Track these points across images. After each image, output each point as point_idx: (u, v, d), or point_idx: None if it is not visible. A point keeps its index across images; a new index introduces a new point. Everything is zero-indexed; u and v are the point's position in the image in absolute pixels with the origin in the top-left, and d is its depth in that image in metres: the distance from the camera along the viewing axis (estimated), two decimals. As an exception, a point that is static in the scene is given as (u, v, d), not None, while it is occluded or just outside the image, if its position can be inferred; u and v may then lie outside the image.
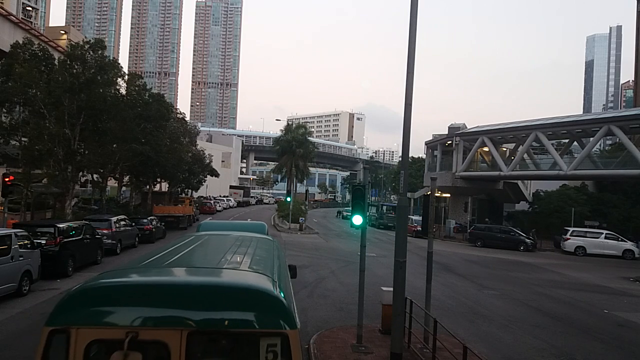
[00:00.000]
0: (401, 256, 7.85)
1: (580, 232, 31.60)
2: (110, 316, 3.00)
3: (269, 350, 2.99)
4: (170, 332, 2.94)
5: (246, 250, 5.13)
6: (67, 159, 22.07)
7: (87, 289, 3.20)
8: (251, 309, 3.03)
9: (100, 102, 21.68)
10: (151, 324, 2.97)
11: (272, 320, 3.04)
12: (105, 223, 19.75)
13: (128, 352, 2.82)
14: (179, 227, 32.16)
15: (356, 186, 8.77)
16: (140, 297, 3.08)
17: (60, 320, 3.05)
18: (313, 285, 14.93)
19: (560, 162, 34.15)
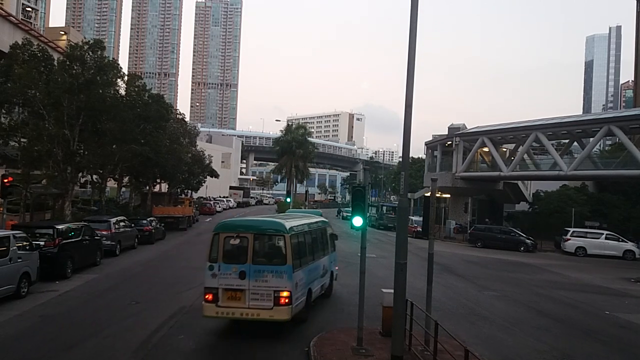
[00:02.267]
0: (402, 258, 7.79)
1: (581, 233, 31.52)
2: (229, 229, 9.98)
3: (278, 240, 9.95)
4: (248, 233, 9.67)
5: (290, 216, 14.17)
6: (66, 160, 22.00)
7: (222, 223, 10.41)
8: (274, 227, 10.15)
9: (100, 103, 21.61)
10: (242, 230, 9.79)
11: (280, 230, 9.90)
12: (104, 224, 19.68)
13: (236, 239, 9.73)
14: (179, 228, 32.09)
15: (356, 187, 8.71)
16: (238, 223, 10.66)
17: (216, 230, 9.97)
18: (313, 286, 14.84)
19: (561, 163, 34.08)
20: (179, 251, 22.72)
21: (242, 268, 9.28)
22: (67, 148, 22.12)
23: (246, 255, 9.41)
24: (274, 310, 9.17)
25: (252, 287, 9.24)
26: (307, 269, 10.67)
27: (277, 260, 9.53)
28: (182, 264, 18.52)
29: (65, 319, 10.69)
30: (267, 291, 9.21)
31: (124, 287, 14.23)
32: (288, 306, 9.23)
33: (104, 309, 11.66)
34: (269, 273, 9.29)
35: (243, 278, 9.24)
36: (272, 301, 9.18)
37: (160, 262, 19.06)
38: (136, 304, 12.13)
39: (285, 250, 9.52)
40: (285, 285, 9.27)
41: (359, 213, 8.60)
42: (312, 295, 11.05)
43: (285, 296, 9.22)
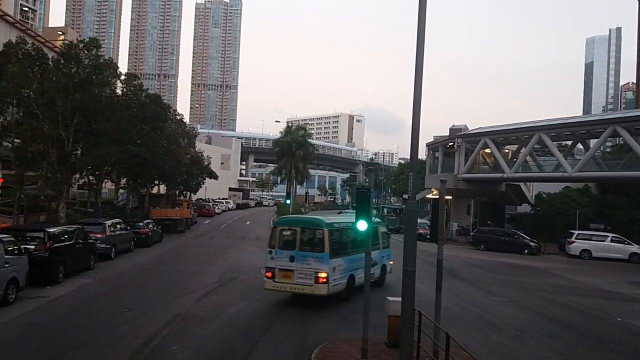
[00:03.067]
0: (410, 265, 7.27)
1: (586, 235, 31.01)
2: (284, 223, 13.54)
3: (317, 233, 12.42)
4: (297, 227, 12.69)
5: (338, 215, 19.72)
6: (61, 161, 21.47)
7: (279, 220, 16.10)
8: (315, 222, 12.82)
9: (95, 103, 21.09)
10: (292, 225, 13.07)
11: (320, 225, 12.44)
12: (99, 227, 19.15)
13: (288, 231, 12.91)
14: (177, 230, 31.54)
15: (360, 189, 8.19)
16: (290, 219, 15.03)
17: (274, 224, 14.01)
18: (314, 292, 14.32)
19: (565, 164, 33.57)
20: (176, 254, 22.19)
21: (292, 253, 12.26)
22: (62, 149, 21.61)
23: (295, 243, 12.43)
24: (314, 287, 11.89)
25: (299, 268, 12.07)
26: (348, 258, 12.98)
27: (317, 249, 12.26)
28: (178, 268, 17.98)
29: (54, 328, 10.16)
30: (309, 272, 11.96)
31: (118, 293, 13.70)
32: (325, 284, 11.90)
33: (96, 317, 11.13)
34: (311, 258, 12.09)
35: (292, 261, 12.18)
36: (312, 280, 11.90)
37: (156, 266, 18.52)
38: (129, 310, 11.60)
39: (324, 241, 12.15)
40: (323, 268, 11.91)
41: (364, 216, 8.09)
42: (354, 280, 13.25)
43: (323, 277, 11.87)
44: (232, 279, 15.89)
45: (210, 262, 19.75)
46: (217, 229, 37.24)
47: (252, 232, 35.50)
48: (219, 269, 17.96)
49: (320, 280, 11.80)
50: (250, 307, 12.22)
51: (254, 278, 16.32)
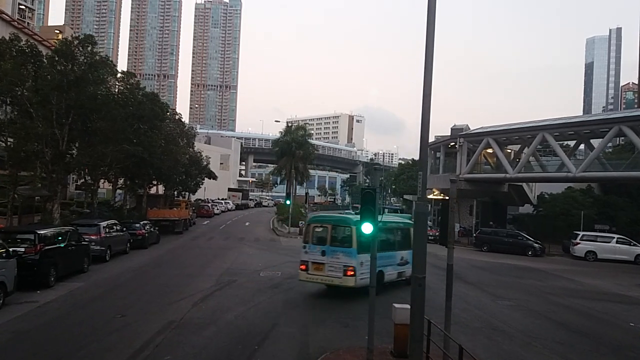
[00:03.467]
0: (420, 271, 6.76)
1: (591, 237, 30.48)
2: (316, 221, 14.64)
3: (346, 230, 13.56)
4: (328, 224, 13.91)
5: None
6: (55, 161, 20.95)
7: (312, 218, 16.73)
8: (345, 220, 14.15)
9: (90, 101, 20.56)
10: (324, 222, 14.23)
11: (349, 223, 13.50)
12: (93, 228, 18.62)
13: (320, 228, 13.94)
14: (174, 231, 31.00)
15: (366, 189, 7.66)
16: (322, 217, 15.65)
17: (308, 222, 15.99)
18: (314, 297, 13.84)
19: (569, 164, 33.06)
20: (173, 256, 21.66)
21: (323, 248, 13.45)
22: (56, 148, 21.10)
23: (326, 239, 13.57)
24: (342, 279, 13.04)
25: (329, 262, 13.24)
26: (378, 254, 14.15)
27: (346, 244, 13.31)
28: (175, 271, 17.46)
29: (41, 335, 9.63)
30: (339, 265, 13.10)
31: (111, 297, 13.17)
32: (353, 277, 12.91)
33: (86, 323, 10.60)
34: (340, 253, 13.18)
35: (323, 255, 13.37)
36: (341, 272, 13.02)
37: (152, 269, 17.99)
38: (122, 316, 11.07)
39: (352, 238, 13.12)
40: (351, 262, 12.94)
41: (369, 219, 7.56)
42: (384, 276, 14.18)
43: (351, 270, 12.90)
44: (230, 283, 15.36)
45: (207, 264, 19.22)
46: (216, 230, 36.72)
47: (251, 233, 34.98)
48: (217, 271, 17.44)
49: (348, 273, 12.93)
50: (248, 312, 11.68)
51: (253, 281, 15.82)
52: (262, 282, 15.71)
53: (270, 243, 28.93)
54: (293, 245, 27.78)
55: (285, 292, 14.17)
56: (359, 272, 12.86)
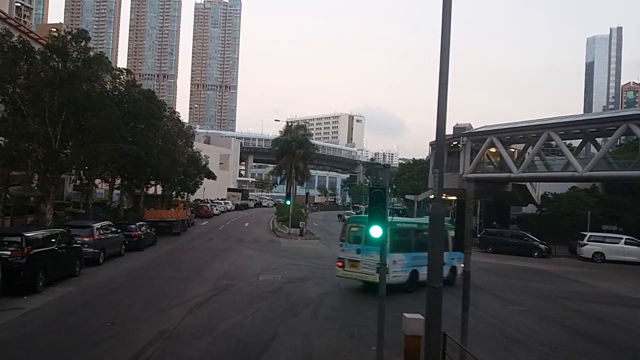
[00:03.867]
0: (436, 280, 6.06)
1: (599, 238, 29.77)
2: (352, 221, 16.15)
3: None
4: (363, 224, 13.81)
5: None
6: (48, 160, 20.24)
7: (348, 218, 20.21)
8: None
9: (84, 98, 19.83)
10: (359, 222, 15.08)
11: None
12: (86, 230, 17.89)
13: (356, 227, 15.05)
14: (172, 232, 30.27)
15: (375, 189, 6.95)
16: (358, 218, 17.84)
17: (345, 222, 17.87)
18: (317, 302, 13.10)
19: (575, 163, 32.33)
20: (169, 259, 20.94)
21: (358, 247, 14.23)
22: (49, 147, 20.39)
23: (361, 238, 14.12)
24: (375, 276, 13.09)
25: (363, 260, 14.02)
26: (410, 254, 14.60)
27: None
28: (171, 274, 16.73)
29: (23, 347, 8.92)
30: (372, 263, 13.63)
31: (101, 303, 12.45)
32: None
33: (73, 333, 9.89)
34: (374, 251, 13.16)
35: (358, 253, 14.17)
36: (374, 270, 13.40)
37: (147, 272, 17.26)
38: (111, 325, 10.36)
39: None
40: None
41: (378, 221, 6.86)
42: (418, 275, 14.64)
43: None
44: (228, 287, 14.65)
45: (205, 267, 18.51)
46: (215, 230, 36.02)
47: (250, 234, 34.28)
48: (215, 275, 16.73)
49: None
50: (246, 320, 10.97)
51: (252, 285, 15.10)
52: (261, 286, 15.01)
53: (269, 244, 28.23)
54: (293, 247, 27.10)
55: (286, 298, 13.46)
56: (391, 270, 13.62)
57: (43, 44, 28.53)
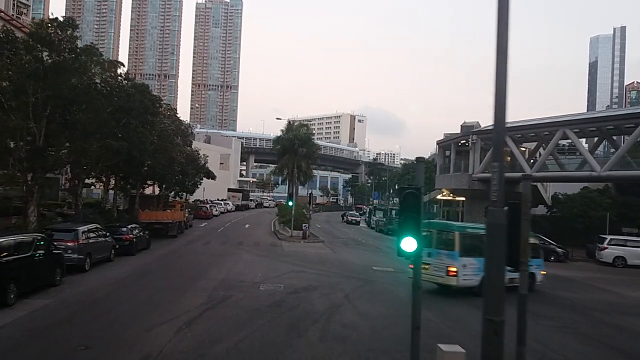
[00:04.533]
0: (496, 312, 4.48)
1: (620, 241, 28.11)
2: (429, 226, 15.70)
3: (450, 235, 15.03)
4: (434, 229, 15.77)
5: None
6: (31, 158, 18.71)
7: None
8: (449, 226, 16.37)
9: (69, 90, 18.28)
10: (432, 228, 15.72)
11: (452, 229, 15.51)
12: (70, 234, 16.35)
13: (427, 232, 14.21)
14: (168, 235, 28.68)
15: (408, 189, 5.40)
16: (429, 223, 16.26)
17: None
18: (325, 318, 11.49)
19: (593, 162, 30.70)
20: (162, 265, 19.36)
21: (429, 250, 14.55)
22: (33, 143, 18.87)
23: (432, 243, 14.81)
24: (445, 279, 14.44)
25: (434, 263, 14.57)
26: (482, 259, 13.46)
27: (449, 248, 14.69)
28: (162, 283, 15.16)
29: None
30: (442, 266, 14.47)
31: (79, 320, 10.90)
32: (454, 277, 14.31)
33: (38, 359, 8.36)
34: (443, 255, 14.57)
35: (429, 256, 14.46)
36: (444, 272, 14.40)
37: (136, 280, 15.69)
38: (85, 349, 8.79)
39: (455, 242, 14.58)
40: (453, 264, 14.34)
41: (412, 231, 5.28)
42: None
43: (453, 270, 14.28)
44: (225, 299, 13.07)
45: (200, 274, 16.92)
46: (213, 233, 34.46)
47: (250, 236, 32.70)
48: (210, 284, 15.15)
49: (450, 273, 14.37)
50: (243, 343, 9.37)
51: (251, 297, 13.51)
52: (261, 298, 13.43)
53: (271, 248, 26.64)
54: (296, 251, 25.51)
55: (290, 313, 11.87)
56: (461, 273, 14.33)
57: (26, 32, 27.08)
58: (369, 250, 28.87)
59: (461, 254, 14.30)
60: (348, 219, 57.58)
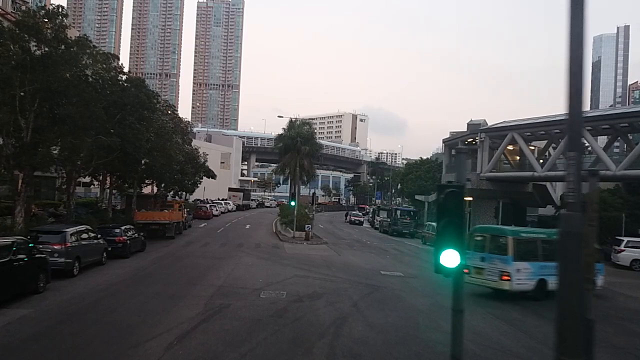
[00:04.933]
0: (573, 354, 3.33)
1: (637, 243, 26.99)
2: (477, 231, 16.83)
3: (503, 240, 14.91)
4: (487, 234, 15.91)
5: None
6: (18, 155, 17.61)
7: (473, 228, 19.04)
8: (502, 231, 15.94)
9: (58, 82, 17.16)
10: (483, 232, 16.36)
11: (505, 234, 15.26)
12: (57, 236, 15.26)
13: (480, 237, 15.99)
14: (165, 236, 27.58)
15: (449, 188, 4.26)
16: (482, 228, 17.79)
17: (470, 232, 17.63)
18: (332, 331, 10.35)
19: (608, 161, 29.62)
20: (157, 269, 18.22)
21: (482, 255, 15.01)
22: (20, 139, 17.78)
23: (485, 247, 15.21)
24: (498, 283, 14.47)
25: (487, 267, 14.71)
26: (537, 264, 14.85)
27: (502, 252, 14.62)
28: (155, 290, 14.02)
29: None
30: (495, 270, 14.52)
31: (59, 334, 9.76)
32: (508, 282, 14.30)
33: (5, 383, 7.26)
34: (497, 260, 14.59)
35: (482, 261, 14.87)
36: (497, 277, 14.44)
37: (127, 286, 14.56)
38: (61, 370, 7.70)
39: (508, 246, 14.51)
40: (507, 269, 14.32)
41: (453, 241, 4.14)
42: (547, 284, 14.78)
43: (506, 275, 14.28)
44: (222, 309, 11.93)
45: (197, 280, 15.81)
46: (213, 233, 33.36)
47: (251, 237, 31.58)
48: (207, 290, 14.03)
49: (503, 277, 14.36)
50: (242, 363, 8.26)
51: (251, 306, 12.37)
52: (262, 307, 12.29)
53: (272, 250, 25.51)
54: (299, 253, 24.38)
55: (293, 325, 10.73)
56: (514, 277, 14.36)
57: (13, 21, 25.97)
58: (374, 253, 27.73)
59: (515, 258, 14.43)
60: (351, 219, 56.44)
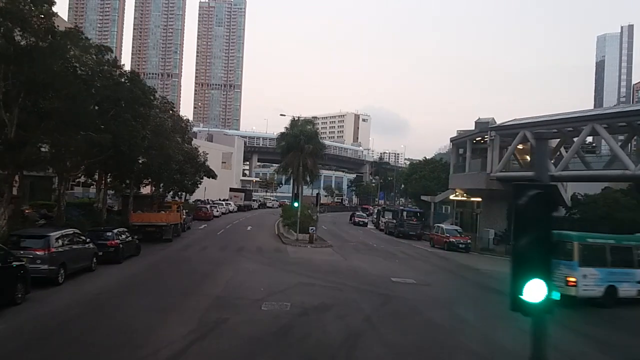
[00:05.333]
0: None
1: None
2: None
3: (569, 245, 14.66)
4: (574, 243, 14.96)
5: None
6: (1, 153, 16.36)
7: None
8: (567, 236, 15.05)
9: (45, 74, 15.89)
10: (559, 238, 14.82)
11: (571, 239, 14.83)
12: (40, 241, 13.96)
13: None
14: (163, 238, 26.28)
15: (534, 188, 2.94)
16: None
17: None
18: (344, 353, 8.99)
19: (626, 160, 28.20)
20: (150, 276, 16.90)
21: None
22: (4, 136, 16.53)
23: None
24: (564, 288, 14.21)
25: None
26: (605, 270, 14.91)
27: (568, 257, 14.70)
28: (145, 301, 12.70)
29: None
30: (561, 276, 14.41)
31: (31, 356, 8.48)
32: (574, 287, 14.43)
33: None
34: (562, 265, 14.59)
35: None
36: (563, 282, 14.39)
37: (116, 297, 13.25)
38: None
39: (574, 252, 14.68)
40: (572, 274, 14.53)
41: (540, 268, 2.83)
42: (616, 291, 14.91)
43: (572, 281, 14.46)
44: (219, 324, 10.60)
45: (193, 289, 14.47)
46: (212, 236, 32.06)
47: (253, 240, 30.23)
48: (203, 302, 12.71)
49: (569, 283, 14.20)
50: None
51: (251, 321, 11.03)
52: (264, 322, 10.96)
53: (275, 255, 24.17)
54: (303, 257, 23.04)
55: (300, 345, 9.41)
56: (581, 283, 14.21)
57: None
58: (382, 257, 26.39)
59: (580, 263, 14.33)
60: (355, 220, 55.17)
